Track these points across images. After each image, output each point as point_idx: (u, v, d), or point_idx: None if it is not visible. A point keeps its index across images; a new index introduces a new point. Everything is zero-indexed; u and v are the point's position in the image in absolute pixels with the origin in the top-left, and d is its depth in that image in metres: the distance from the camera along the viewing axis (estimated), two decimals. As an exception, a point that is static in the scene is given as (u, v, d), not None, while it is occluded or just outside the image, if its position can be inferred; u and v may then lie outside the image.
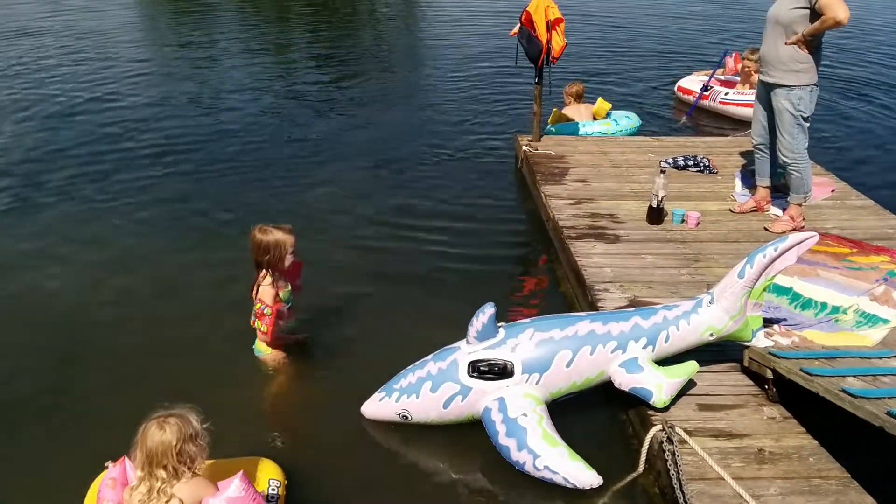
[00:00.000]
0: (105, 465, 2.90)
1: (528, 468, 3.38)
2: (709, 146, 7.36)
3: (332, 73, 11.49)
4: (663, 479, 3.31)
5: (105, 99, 9.72)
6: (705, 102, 9.25)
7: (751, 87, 8.91)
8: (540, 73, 7.04)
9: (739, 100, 8.89)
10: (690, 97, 9.43)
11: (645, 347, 3.65)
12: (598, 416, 3.95)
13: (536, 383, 3.57)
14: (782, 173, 5.62)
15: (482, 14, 16.37)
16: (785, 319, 4.29)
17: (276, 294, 3.97)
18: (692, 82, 9.60)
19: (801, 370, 3.39)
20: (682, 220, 5.57)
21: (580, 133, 7.86)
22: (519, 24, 6.93)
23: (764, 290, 3.75)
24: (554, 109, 8.02)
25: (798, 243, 3.64)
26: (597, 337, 3.61)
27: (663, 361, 3.71)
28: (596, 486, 3.34)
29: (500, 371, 3.55)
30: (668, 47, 13.38)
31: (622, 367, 3.62)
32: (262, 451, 3.45)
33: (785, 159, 5.29)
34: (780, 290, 4.54)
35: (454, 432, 3.73)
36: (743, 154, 6.95)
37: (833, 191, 6.23)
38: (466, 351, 3.64)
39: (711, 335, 3.72)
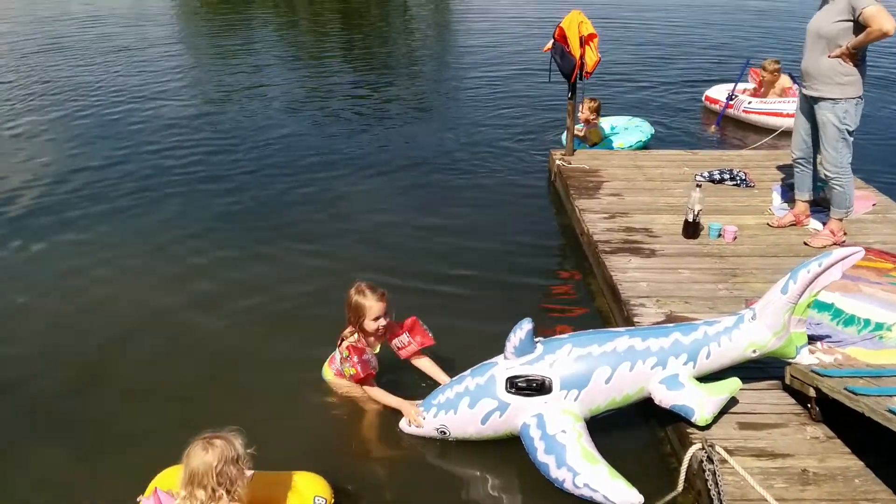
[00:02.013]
0: (137, 500, 2.93)
1: (568, 486, 3.33)
2: (745, 159, 7.27)
3: (365, 87, 11.62)
4: (703, 500, 3.25)
5: (144, 111, 9.94)
6: (730, 111, 9.35)
7: (775, 97, 8.93)
8: (573, 89, 7.02)
9: (762, 108, 9.03)
10: (717, 107, 9.54)
11: (686, 364, 3.58)
12: (635, 433, 3.90)
13: (575, 400, 3.52)
14: (822, 187, 5.53)
15: (515, 29, 16.42)
16: (828, 336, 4.20)
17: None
18: (720, 92, 9.64)
19: (845, 389, 3.31)
20: (719, 235, 5.50)
21: (614, 146, 7.90)
22: (552, 41, 6.92)
23: (808, 306, 3.67)
24: (587, 132, 7.98)
25: (843, 258, 3.55)
26: (636, 353, 3.55)
27: (704, 378, 3.65)
28: None
29: (538, 387, 3.51)
30: (697, 58, 13.37)
31: (662, 383, 3.55)
32: (312, 466, 3.42)
33: (828, 173, 5.20)
34: (822, 307, 4.45)
35: (504, 453, 3.68)
36: (780, 167, 6.85)
37: (874, 204, 6.11)
38: (504, 366, 3.60)
39: (754, 352, 3.63)
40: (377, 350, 4.12)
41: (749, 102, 9.15)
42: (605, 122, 8.28)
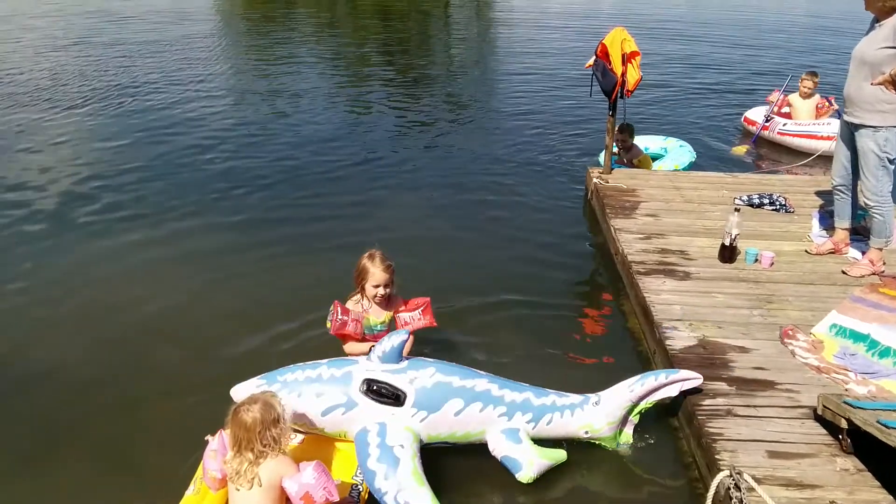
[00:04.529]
0: (205, 438, 3.19)
1: (388, 499, 3.30)
2: (785, 184, 7.21)
3: (403, 95, 11.79)
4: (729, 526, 3.25)
5: (182, 116, 10.20)
6: (766, 133, 9.42)
7: (810, 118, 9.04)
8: (614, 106, 7.04)
9: (797, 130, 9.06)
10: (755, 128, 9.62)
11: (528, 423, 3.73)
12: (663, 455, 3.91)
13: (421, 421, 3.59)
14: (863, 215, 5.47)
15: (558, 44, 16.46)
16: (862, 367, 4.17)
17: (361, 313, 4.12)
18: (758, 114, 9.72)
19: (878, 422, 3.29)
20: (756, 260, 5.47)
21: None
22: (594, 57, 6.95)
23: (640, 412, 3.94)
24: (636, 161, 7.97)
25: (685, 380, 3.92)
26: (490, 397, 3.68)
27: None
28: None
29: (393, 397, 3.56)
30: (737, 78, 13.33)
31: (503, 433, 3.67)
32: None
33: (868, 201, 5.16)
34: (858, 337, 4.43)
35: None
36: (820, 194, 6.78)
37: (916, 235, 6.02)
38: (365, 367, 3.64)
39: (586, 433, 3.84)
40: (383, 320, 4.19)
41: (784, 125, 9.17)
42: (645, 142, 8.28)
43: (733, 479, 3.30)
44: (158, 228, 6.62)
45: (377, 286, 4.07)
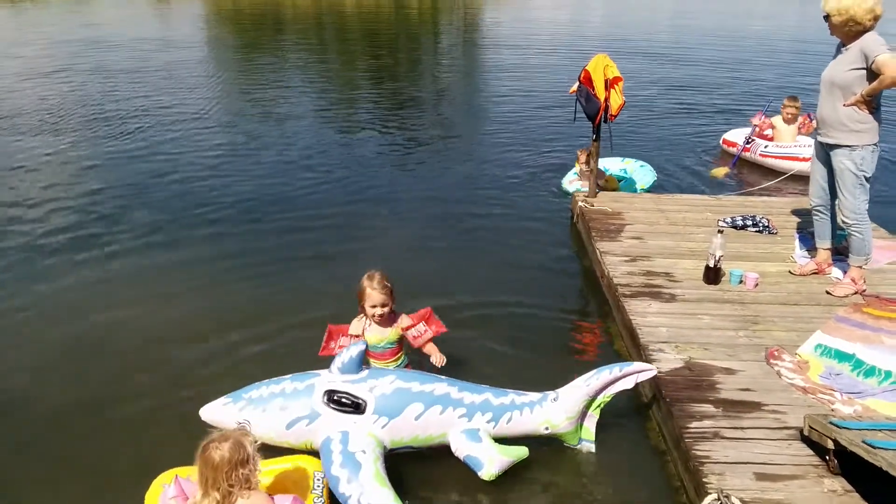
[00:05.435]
0: (162, 485, 3.14)
1: (352, 502, 3.38)
2: (768, 206, 7.28)
3: (391, 121, 11.83)
4: (718, 550, 3.24)
5: (167, 139, 10.25)
6: (747, 154, 9.51)
7: (791, 141, 9.16)
8: (598, 131, 7.10)
9: (779, 153, 9.13)
10: (734, 150, 9.69)
11: (489, 422, 3.81)
12: (651, 480, 3.89)
13: (383, 427, 3.69)
14: (844, 235, 5.53)
15: (542, 70, 16.62)
16: (848, 387, 4.18)
17: (363, 331, 4.23)
18: (737, 135, 9.83)
19: (863, 442, 3.29)
20: (741, 282, 5.50)
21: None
22: (578, 83, 7.02)
23: (600, 406, 3.99)
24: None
25: (638, 372, 3.99)
26: (450, 399, 3.78)
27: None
28: None
29: (353, 406, 3.68)
30: (715, 100, 13.50)
31: (464, 433, 3.76)
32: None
33: (845, 219, 5.22)
34: (843, 357, 4.45)
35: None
36: (803, 214, 6.84)
37: (898, 254, 6.08)
38: (326, 379, 3.79)
39: (547, 429, 3.92)
40: (388, 338, 4.26)
41: (766, 146, 9.26)
42: (603, 163, 8.33)
43: (721, 503, 3.29)
44: (136, 248, 6.68)
45: (374, 306, 4.15)
